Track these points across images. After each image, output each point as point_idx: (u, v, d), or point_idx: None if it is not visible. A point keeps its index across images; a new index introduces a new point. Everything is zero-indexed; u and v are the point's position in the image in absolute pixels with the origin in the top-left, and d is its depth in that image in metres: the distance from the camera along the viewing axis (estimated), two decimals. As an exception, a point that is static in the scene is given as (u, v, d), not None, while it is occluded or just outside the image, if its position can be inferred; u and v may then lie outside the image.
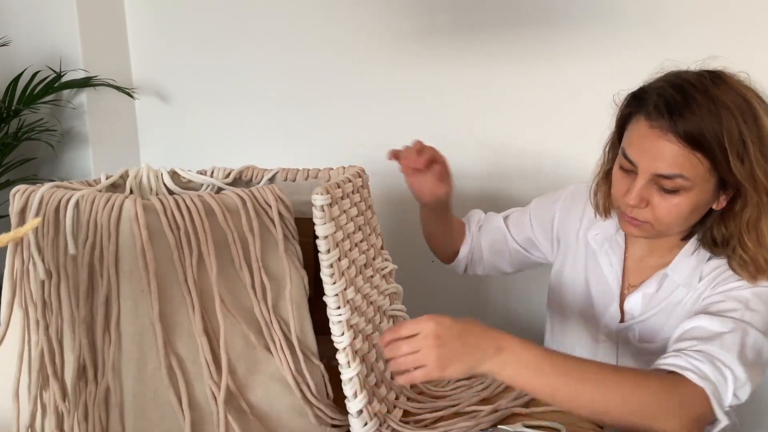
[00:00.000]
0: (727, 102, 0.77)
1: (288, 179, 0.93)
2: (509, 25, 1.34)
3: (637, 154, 0.82)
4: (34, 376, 0.69)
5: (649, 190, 0.82)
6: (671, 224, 0.84)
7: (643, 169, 0.81)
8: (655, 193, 0.82)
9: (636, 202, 0.82)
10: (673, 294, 0.90)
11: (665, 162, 0.79)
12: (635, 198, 0.82)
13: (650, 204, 0.83)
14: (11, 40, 1.80)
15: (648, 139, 0.80)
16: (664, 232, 0.86)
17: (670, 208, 0.81)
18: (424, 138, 1.51)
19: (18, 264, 0.72)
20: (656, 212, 0.82)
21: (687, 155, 0.78)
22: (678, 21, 1.16)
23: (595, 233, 1.00)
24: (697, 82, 0.80)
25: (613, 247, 0.97)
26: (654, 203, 0.82)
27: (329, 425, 0.77)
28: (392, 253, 0.96)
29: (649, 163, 0.80)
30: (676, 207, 0.81)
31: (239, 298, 0.73)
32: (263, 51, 1.68)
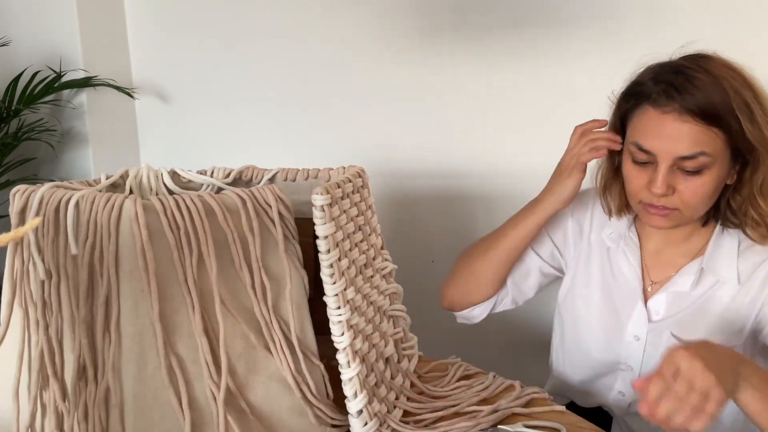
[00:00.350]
0: (723, 74, 0.80)
1: (288, 179, 0.93)
2: (509, 25, 1.34)
3: (654, 142, 0.82)
4: (34, 376, 0.69)
5: (672, 176, 0.82)
6: (698, 206, 0.84)
7: (663, 155, 0.82)
8: (679, 178, 0.82)
9: (663, 190, 0.82)
10: (712, 290, 0.88)
11: (685, 143, 0.80)
12: (662, 186, 0.82)
13: (676, 190, 0.83)
14: (11, 40, 1.80)
15: (663, 125, 0.81)
16: (692, 216, 0.86)
17: (696, 189, 0.82)
18: (424, 138, 1.52)
19: (18, 264, 0.72)
20: (684, 196, 0.83)
21: (705, 131, 0.79)
22: (678, 21, 1.16)
23: (609, 232, 0.99)
24: (689, 62, 0.82)
25: (628, 245, 0.96)
26: (680, 188, 0.83)
27: (329, 425, 0.77)
28: (392, 253, 0.96)
29: (670, 147, 0.81)
30: (702, 187, 0.82)
31: (239, 298, 0.73)
32: (263, 51, 1.68)
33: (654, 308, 0.93)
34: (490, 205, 1.43)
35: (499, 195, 1.42)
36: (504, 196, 1.41)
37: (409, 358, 0.93)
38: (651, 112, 0.82)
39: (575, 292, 1.03)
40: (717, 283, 0.88)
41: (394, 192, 1.55)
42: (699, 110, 0.79)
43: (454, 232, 1.50)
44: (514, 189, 1.40)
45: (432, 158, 1.48)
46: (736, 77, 0.81)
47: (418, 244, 1.56)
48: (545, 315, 1.35)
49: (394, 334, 0.90)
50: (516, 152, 1.39)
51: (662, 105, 0.81)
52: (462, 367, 0.97)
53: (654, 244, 0.95)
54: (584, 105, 1.28)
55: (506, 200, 1.41)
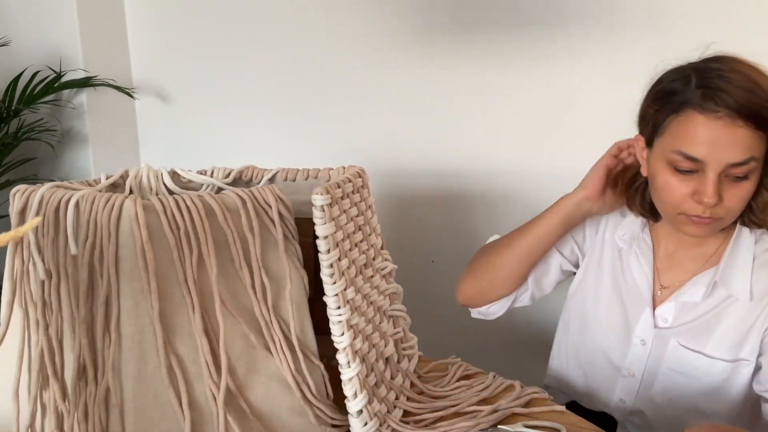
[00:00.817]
0: (755, 75, 0.79)
1: (288, 179, 0.93)
2: (509, 26, 1.34)
3: (703, 149, 0.79)
4: (34, 376, 0.69)
5: (720, 184, 0.80)
6: (737, 212, 0.83)
7: (714, 163, 0.79)
8: (725, 185, 0.81)
9: (716, 200, 0.80)
10: (724, 305, 0.87)
11: (738, 149, 0.78)
12: (714, 195, 0.79)
13: (723, 197, 0.81)
14: (11, 40, 1.80)
15: (715, 131, 0.78)
16: (730, 221, 0.85)
17: (742, 194, 0.81)
18: (424, 137, 1.52)
19: (18, 264, 0.72)
20: (729, 204, 0.81)
21: (754, 135, 0.78)
22: (677, 20, 1.16)
23: (622, 233, 0.98)
24: (722, 65, 0.80)
25: (641, 246, 0.95)
26: (726, 195, 0.81)
27: (329, 425, 0.77)
28: (392, 253, 0.96)
29: (722, 154, 0.78)
30: (747, 192, 0.81)
31: (239, 298, 0.73)
32: (263, 50, 1.68)
33: (662, 315, 0.92)
34: (490, 204, 1.43)
35: (499, 195, 1.42)
36: (504, 196, 1.41)
37: (409, 358, 0.93)
38: (698, 118, 0.79)
39: (585, 288, 1.02)
40: (729, 297, 0.87)
41: (394, 192, 1.55)
42: (751, 114, 0.77)
43: (454, 232, 1.50)
44: (514, 189, 1.40)
45: (432, 158, 1.48)
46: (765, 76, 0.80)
47: (418, 244, 1.56)
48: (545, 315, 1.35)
49: (394, 334, 0.90)
50: (516, 152, 1.39)
51: (711, 110, 0.78)
52: (462, 367, 0.97)
53: (666, 247, 0.94)
54: (584, 105, 1.29)
55: (506, 200, 1.41)
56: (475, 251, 1.49)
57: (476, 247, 1.48)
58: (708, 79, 0.80)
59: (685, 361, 0.89)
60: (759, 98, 0.77)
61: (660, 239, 0.95)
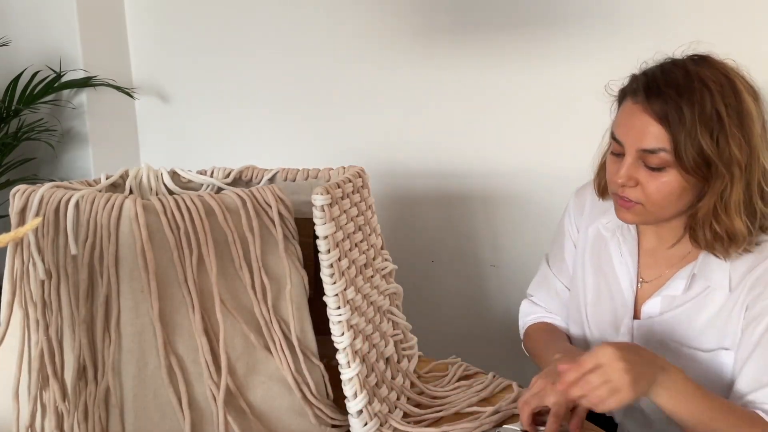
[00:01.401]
0: (706, 79, 0.79)
1: (288, 179, 0.93)
2: (509, 26, 1.34)
3: (623, 132, 0.84)
4: (34, 376, 0.69)
5: (637, 169, 0.83)
6: (662, 204, 0.84)
7: (629, 146, 0.82)
8: (642, 172, 0.83)
9: (624, 180, 0.83)
10: (704, 295, 0.88)
11: (648, 137, 0.80)
12: (624, 176, 0.83)
13: (639, 183, 0.83)
14: (11, 40, 1.80)
15: (632, 117, 0.82)
16: (657, 213, 0.86)
17: (659, 185, 0.82)
18: (424, 138, 1.52)
19: (18, 264, 0.72)
20: (646, 190, 0.83)
21: (667, 131, 0.79)
22: (677, 21, 1.16)
23: (606, 221, 0.98)
24: (679, 61, 0.83)
25: (624, 236, 0.96)
26: (643, 182, 0.83)
27: (329, 425, 0.77)
28: (392, 253, 0.96)
29: (635, 139, 0.82)
30: (665, 185, 0.82)
31: (239, 298, 0.73)
32: (263, 51, 1.68)
33: (648, 312, 0.92)
34: (489, 205, 1.43)
35: (499, 195, 1.42)
36: (504, 196, 1.41)
37: (408, 358, 0.93)
38: (628, 102, 0.84)
39: (575, 283, 1.03)
40: (707, 288, 0.87)
41: (394, 192, 1.55)
42: (660, 112, 0.79)
43: (454, 232, 1.50)
44: (514, 189, 1.40)
45: (432, 158, 1.48)
46: (725, 85, 0.79)
47: (418, 244, 1.56)
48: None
49: (394, 335, 0.90)
50: (516, 152, 1.39)
51: (635, 97, 0.82)
52: (462, 367, 0.97)
53: (648, 241, 0.95)
54: (584, 104, 1.29)
55: (506, 200, 1.41)
56: (475, 251, 1.50)
57: (476, 247, 1.48)
58: (652, 70, 0.83)
59: (669, 353, 0.89)
60: (679, 101, 0.78)
61: (643, 233, 0.96)
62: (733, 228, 0.81)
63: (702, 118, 0.78)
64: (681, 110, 0.78)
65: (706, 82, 0.79)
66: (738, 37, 1.12)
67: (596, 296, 0.99)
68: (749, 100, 0.81)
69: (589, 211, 1.03)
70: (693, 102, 0.78)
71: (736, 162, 0.79)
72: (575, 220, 1.05)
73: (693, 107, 0.78)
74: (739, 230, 0.81)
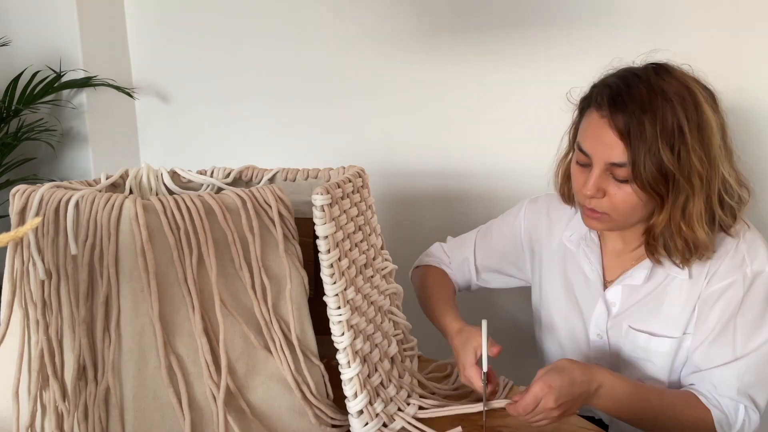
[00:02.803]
0: (668, 92, 0.80)
1: (288, 179, 0.93)
2: (509, 26, 1.34)
3: (590, 145, 0.85)
4: (34, 376, 0.69)
5: (605, 180, 0.84)
6: (628, 214, 0.85)
7: (597, 159, 0.84)
8: (610, 183, 0.84)
9: (593, 192, 0.84)
10: (664, 284, 0.90)
11: (616, 150, 0.82)
12: (592, 188, 0.84)
13: (607, 194, 0.85)
14: (11, 40, 1.80)
15: (599, 130, 0.83)
16: (623, 222, 0.87)
17: (625, 197, 0.83)
18: (424, 137, 1.52)
19: (18, 264, 0.72)
20: (613, 201, 0.84)
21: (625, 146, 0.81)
22: (677, 20, 1.16)
23: (569, 234, 1.01)
24: (641, 73, 0.84)
25: (589, 245, 0.98)
26: (610, 193, 0.84)
27: (329, 425, 0.77)
28: (392, 253, 0.96)
29: (602, 153, 0.83)
30: (631, 196, 0.83)
31: (239, 298, 0.73)
32: (263, 51, 1.68)
33: (611, 300, 0.95)
34: (489, 204, 1.43)
35: (499, 195, 1.42)
36: (503, 196, 1.41)
37: (410, 359, 0.93)
38: (594, 114, 0.84)
39: (545, 299, 1.06)
40: (668, 276, 0.90)
41: (394, 192, 1.55)
42: (624, 128, 0.80)
43: (454, 232, 1.50)
44: (514, 189, 1.40)
45: (432, 158, 1.48)
46: (686, 97, 0.80)
47: (418, 244, 1.56)
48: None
49: (395, 335, 0.90)
50: (516, 152, 1.39)
51: (601, 110, 0.83)
52: (462, 367, 0.97)
53: (612, 245, 0.97)
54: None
55: (505, 200, 1.41)
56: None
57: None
58: (615, 80, 0.84)
59: (638, 344, 0.92)
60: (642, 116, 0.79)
61: (605, 238, 0.98)
62: (696, 239, 0.83)
63: (663, 133, 0.79)
64: (643, 126, 0.79)
65: (668, 96, 0.80)
66: (736, 36, 1.12)
67: (567, 304, 1.01)
68: (709, 111, 0.82)
69: (547, 225, 1.05)
70: (655, 118, 0.79)
71: (697, 174, 0.81)
72: (528, 229, 1.08)
73: (655, 123, 0.79)
74: (701, 240, 0.83)
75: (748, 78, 1.10)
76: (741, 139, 1.09)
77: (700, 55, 0.90)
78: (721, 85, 0.87)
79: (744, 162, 0.90)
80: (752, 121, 1.11)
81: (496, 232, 1.11)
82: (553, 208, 1.04)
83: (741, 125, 1.10)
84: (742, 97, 1.10)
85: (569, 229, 1.01)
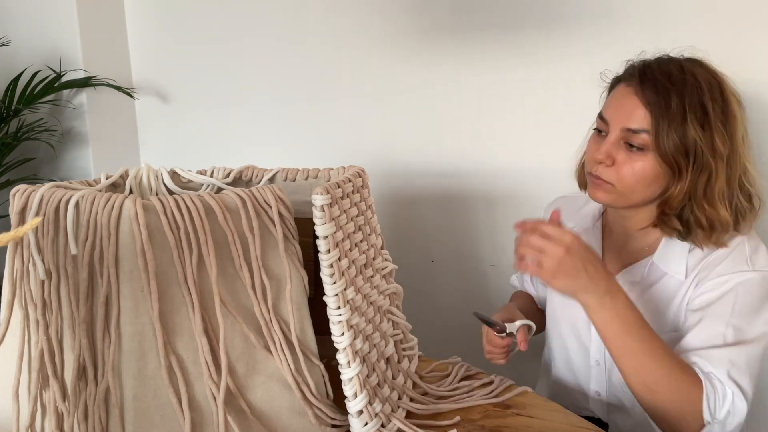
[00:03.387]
0: (696, 74, 0.84)
1: (288, 179, 0.93)
2: (509, 26, 1.34)
3: (611, 111, 0.88)
4: (34, 376, 0.69)
5: (617, 149, 0.86)
6: (633, 187, 0.86)
7: (614, 124, 0.86)
8: (622, 152, 0.86)
9: (603, 157, 0.86)
10: (662, 283, 0.91)
11: (634, 117, 0.84)
12: (603, 152, 0.86)
13: (616, 163, 0.86)
14: (11, 40, 1.80)
15: (623, 98, 0.87)
16: (627, 196, 0.88)
17: (633, 168, 0.85)
18: (425, 137, 1.52)
19: (18, 264, 0.72)
20: (620, 172, 0.86)
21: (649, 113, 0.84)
22: (676, 21, 1.16)
23: (572, 226, 1.01)
24: (675, 58, 0.88)
25: (590, 239, 0.99)
26: (619, 162, 0.86)
27: (329, 425, 0.77)
28: (392, 253, 0.96)
29: (621, 118, 0.86)
30: (640, 169, 0.85)
31: (239, 298, 0.73)
32: (263, 51, 1.68)
33: None
34: (490, 204, 1.43)
35: (499, 195, 1.42)
36: (504, 196, 1.41)
37: (409, 358, 0.93)
38: (621, 86, 0.89)
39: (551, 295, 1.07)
40: (665, 276, 0.91)
41: (394, 192, 1.55)
42: (650, 96, 0.83)
43: (454, 232, 1.50)
44: (514, 189, 1.40)
45: (432, 158, 1.48)
46: (713, 84, 0.84)
47: (418, 244, 1.56)
48: (545, 315, 1.35)
49: (394, 335, 0.90)
50: (516, 152, 1.39)
51: (628, 80, 0.87)
52: (463, 367, 0.98)
53: (616, 238, 0.98)
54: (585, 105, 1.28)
55: (506, 200, 1.41)
56: (475, 251, 1.49)
57: (476, 247, 1.48)
58: (647, 60, 0.89)
59: None
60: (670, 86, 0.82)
61: (609, 231, 0.99)
62: (718, 216, 0.84)
63: (690, 108, 0.82)
64: (669, 97, 0.82)
65: (697, 78, 0.83)
66: (734, 36, 1.12)
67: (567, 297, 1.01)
68: (735, 104, 0.85)
69: None
70: (683, 93, 0.82)
71: (719, 154, 0.83)
72: None
73: (682, 98, 0.82)
74: (724, 218, 0.84)
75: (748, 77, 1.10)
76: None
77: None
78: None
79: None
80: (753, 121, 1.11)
81: None
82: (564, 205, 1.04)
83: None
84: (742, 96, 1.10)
85: (573, 221, 1.02)
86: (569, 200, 1.08)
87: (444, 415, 0.84)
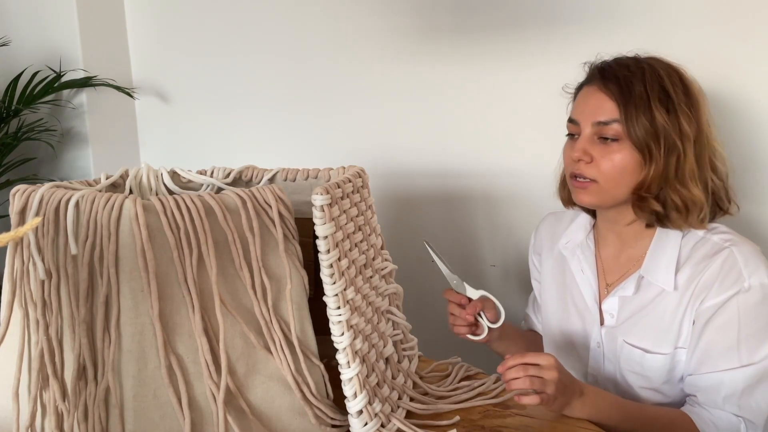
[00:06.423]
0: (652, 64, 0.87)
1: (288, 179, 0.93)
2: (509, 26, 1.34)
3: (579, 111, 0.90)
4: (34, 376, 0.69)
5: (592, 145, 0.88)
6: (616, 180, 0.87)
7: (585, 122, 0.88)
8: (597, 147, 0.88)
9: (580, 154, 0.88)
10: (658, 299, 0.90)
11: (602, 109, 0.87)
12: (579, 149, 0.88)
13: (594, 159, 0.87)
14: (11, 40, 1.80)
15: (588, 96, 0.89)
16: (612, 191, 0.88)
17: (612, 160, 0.86)
18: (425, 138, 1.52)
19: (18, 264, 0.72)
20: (600, 167, 0.87)
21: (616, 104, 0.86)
22: (676, 21, 1.16)
23: (565, 241, 1.02)
24: (630, 54, 0.91)
25: (584, 252, 0.99)
26: (597, 157, 0.87)
27: (329, 425, 0.77)
28: (392, 253, 0.96)
29: (590, 113, 0.88)
30: (620, 160, 0.86)
31: (239, 298, 0.73)
32: (263, 51, 1.68)
33: (609, 311, 0.95)
34: (490, 204, 1.43)
35: (499, 195, 1.42)
36: (504, 196, 1.41)
37: (409, 358, 0.93)
38: (584, 89, 0.92)
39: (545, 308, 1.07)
40: (663, 292, 0.89)
41: (394, 192, 1.54)
42: (614, 88, 0.85)
43: (454, 232, 1.50)
44: (514, 189, 1.40)
45: (432, 158, 1.48)
46: (670, 71, 0.87)
47: (418, 244, 1.55)
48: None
49: (394, 335, 0.90)
50: (516, 152, 1.38)
51: (590, 80, 0.91)
52: (463, 367, 0.98)
53: (611, 247, 0.97)
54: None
55: (506, 200, 1.41)
56: (475, 251, 1.49)
57: (476, 247, 1.48)
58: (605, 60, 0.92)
59: (633, 359, 0.92)
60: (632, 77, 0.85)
61: (603, 243, 0.98)
62: (691, 196, 0.85)
63: (653, 93, 0.84)
64: (632, 85, 0.85)
65: (654, 67, 0.87)
66: (733, 36, 1.12)
67: (564, 312, 1.02)
68: (696, 89, 0.87)
69: (547, 238, 1.08)
70: (644, 80, 0.85)
71: (686, 136, 0.84)
72: (534, 253, 1.12)
73: (644, 84, 0.85)
74: (697, 197, 0.85)
75: (748, 79, 1.10)
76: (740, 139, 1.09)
77: (698, 57, 0.91)
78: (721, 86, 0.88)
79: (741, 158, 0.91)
80: (755, 121, 1.11)
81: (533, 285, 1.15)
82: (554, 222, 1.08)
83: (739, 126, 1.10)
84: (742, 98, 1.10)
85: (566, 237, 1.02)
86: (559, 216, 1.08)
87: (444, 415, 0.84)
